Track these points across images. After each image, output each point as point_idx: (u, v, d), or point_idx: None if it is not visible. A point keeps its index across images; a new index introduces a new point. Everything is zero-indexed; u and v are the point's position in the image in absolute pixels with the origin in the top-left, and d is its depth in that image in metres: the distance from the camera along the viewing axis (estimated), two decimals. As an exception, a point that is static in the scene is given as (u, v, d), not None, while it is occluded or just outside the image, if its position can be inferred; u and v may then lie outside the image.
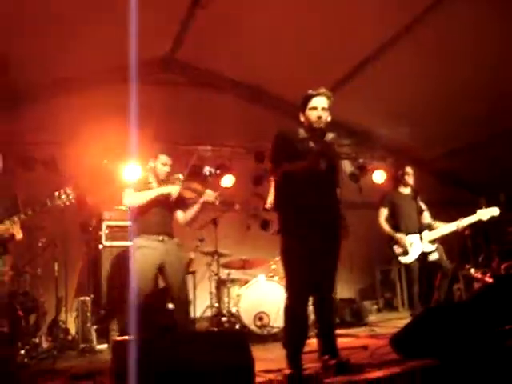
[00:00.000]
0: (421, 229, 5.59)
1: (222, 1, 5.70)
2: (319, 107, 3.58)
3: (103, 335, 5.77)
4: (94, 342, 5.65)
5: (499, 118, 7.12)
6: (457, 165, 8.79)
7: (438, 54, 6.30)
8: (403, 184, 6.03)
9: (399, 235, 5.75)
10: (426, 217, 5.85)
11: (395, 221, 5.95)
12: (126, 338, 2.90)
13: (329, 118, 3.65)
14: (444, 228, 5.67)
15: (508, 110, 6.95)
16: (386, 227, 5.92)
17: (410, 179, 5.99)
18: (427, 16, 5.80)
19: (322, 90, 3.63)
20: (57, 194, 4.52)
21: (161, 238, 4.56)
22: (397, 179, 6.16)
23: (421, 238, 5.51)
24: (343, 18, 6.02)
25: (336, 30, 6.22)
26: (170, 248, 4.57)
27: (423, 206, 5.86)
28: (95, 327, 5.76)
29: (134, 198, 4.59)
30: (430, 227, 5.75)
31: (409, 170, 6.04)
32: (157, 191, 4.62)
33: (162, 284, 5.11)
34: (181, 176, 4.76)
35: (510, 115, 7.02)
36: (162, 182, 4.75)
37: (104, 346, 5.65)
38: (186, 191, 4.71)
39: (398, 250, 5.76)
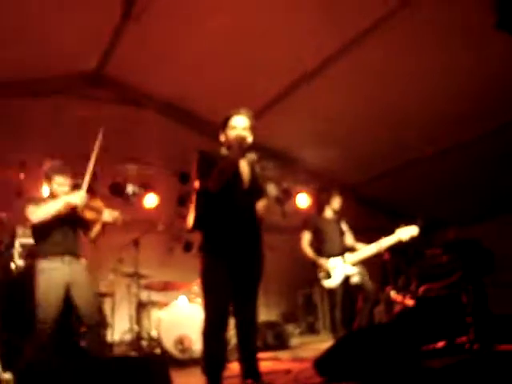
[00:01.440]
0: (343, 251, 5.71)
1: (153, 17, 5.60)
2: (239, 127, 3.58)
3: (8, 363, 5.35)
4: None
5: (420, 144, 7.41)
6: (377, 191, 9.06)
7: (364, 80, 6.48)
8: (327, 207, 6.07)
9: (321, 260, 5.75)
10: (349, 239, 5.94)
11: (318, 244, 5.94)
12: (32, 365, 2.67)
13: (250, 139, 3.63)
14: (365, 250, 5.74)
15: (430, 137, 7.25)
16: (309, 251, 5.89)
17: (334, 203, 6.04)
18: (357, 44, 5.95)
19: (243, 110, 3.64)
20: None
21: (64, 258, 4.34)
22: (321, 203, 6.20)
23: (343, 261, 5.60)
24: (272, 42, 6.09)
25: (263, 54, 6.27)
26: (75, 269, 4.35)
27: (345, 229, 5.95)
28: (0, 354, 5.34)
29: (40, 212, 4.27)
30: (352, 249, 5.83)
31: (334, 193, 6.09)
32: (63, 200, 4.31)
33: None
34: (82, 192, 4.41)
35: (433, 142, 7.34)
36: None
37: (9, 376, 5.22)
38: (86, 211, 4.43)
39: (321, 273, 5.74)
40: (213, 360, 3.40)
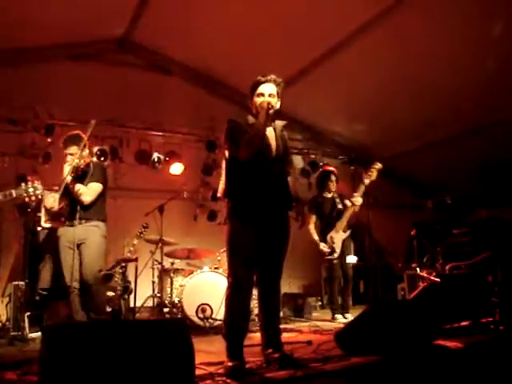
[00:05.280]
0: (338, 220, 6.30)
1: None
2: (266, 93, 3.52)
3: (37, 323, 5.47)
4: (27, 330, 5.32)
5: (453, 120, 7.22)
6: (406, 167, 8.89)
7: (396, 52, 6.32)
8: (327, 190, 6.44)
9: (320, 245, 6.23)
10: (339, 213, 6.28)
11: (321, 223, 6.40)
12: (59, 325, 2.70)
13: (277, 105, 3.57)
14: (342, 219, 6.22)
15: (460, 115, 7.06)
16: (314, 234, 6.32)
17: (332, 186, 6.43)
18: (385, 16, 5.80)
19: (270, 77, 3.56)
20: (24, 185, 4.01)
21: (74, 222, 4.52)
22: (321, 185, 6.56)
23: (335, 231, 6.25)
24: (302, 13, 5.98)
25: (293, 24, 6.18)
26: (83, 230, 4.52)
27: (338, 200, 6.35)
28: (28, 314, 5.45)
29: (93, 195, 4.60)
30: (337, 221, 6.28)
31: (332, 177, 6.47)
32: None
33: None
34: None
35: (463, 118, 7.14)
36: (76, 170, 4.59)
37: (37, 334, 5.34)
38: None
39: (325, 249, 6.22)
40: (235, 325, 3.40)
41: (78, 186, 4.52)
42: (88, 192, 4.55)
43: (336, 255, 6.20)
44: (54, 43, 6.65)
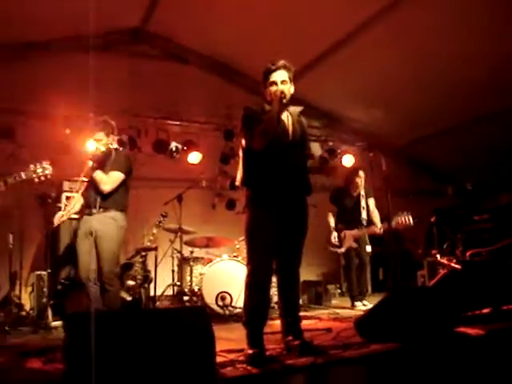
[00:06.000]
0: (355, 225, 6.37)
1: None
2: (279, 81, 3.50)
3: (59, 311, 5.56)
4: (50, 319, 5.42)
5: (470, 106, 7.11)
6: (425, 153, 8.81)
7: (414, 39, 6.24)
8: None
9: (332, 235, 6.49)
10: (363, 214, 6.34)
11: (340, 215, 6.53)
12: (80, 313, 2.73)
13: (292, 90, 3.56)
14: (362, 230, 6.37)
15: (479, 100, 6.95)
16: (331, 222, 6.55)
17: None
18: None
19: (281, 63, 3.52)
20: (32, 167, 4.19)
21: (92, 211, 4.49)
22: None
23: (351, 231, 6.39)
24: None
25: (310, 9, 6.10)
26: (98, 219, 4.46)
27: (363, 204, 6.35)
28: (51, 303, 5.54)
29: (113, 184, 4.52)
30: (360, 223, 6.37)
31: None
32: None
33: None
34: None
35: (481, 104, 7.03)
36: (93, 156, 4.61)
37: (59, 323, 5.43)
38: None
39: (333, 240, 6.51)
40: (255, 312, 3.41)
41: (97, 173, 4.50)
42: (108, 181, 4.49)
43: (339, 251, 6.48)
44: (75, 35, 6.67)
